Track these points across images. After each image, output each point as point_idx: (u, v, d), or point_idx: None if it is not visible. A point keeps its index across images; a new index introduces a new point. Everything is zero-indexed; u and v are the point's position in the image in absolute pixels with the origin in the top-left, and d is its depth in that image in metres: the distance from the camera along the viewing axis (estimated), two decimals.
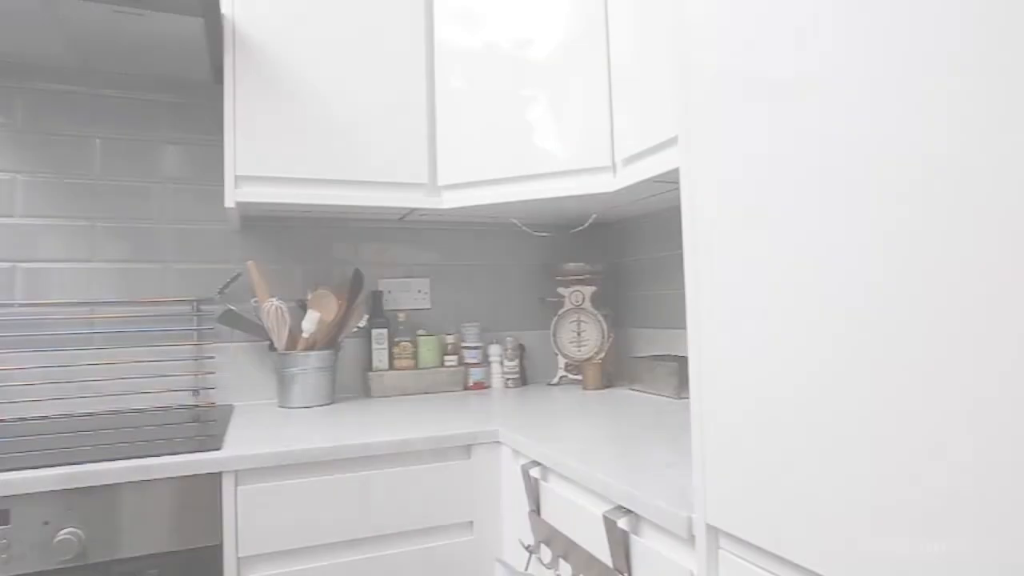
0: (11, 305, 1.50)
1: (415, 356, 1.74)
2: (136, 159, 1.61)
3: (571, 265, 1.80)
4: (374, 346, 1.69)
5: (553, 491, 1.04)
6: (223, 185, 1.65)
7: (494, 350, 1.83)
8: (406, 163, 1.51)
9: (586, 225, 1.86)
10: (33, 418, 1.46)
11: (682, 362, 1.52)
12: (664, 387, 1.54)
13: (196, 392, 1.60)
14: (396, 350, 1.71)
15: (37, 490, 0.98)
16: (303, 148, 1.43)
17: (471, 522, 1.23)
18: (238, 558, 1.08)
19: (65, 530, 0.99)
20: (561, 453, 1.00)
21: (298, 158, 1.42)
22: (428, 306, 1.86)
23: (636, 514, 0.81)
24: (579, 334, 1.80)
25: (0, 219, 1.51)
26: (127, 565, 1.02)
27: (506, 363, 1.81)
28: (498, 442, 1.25)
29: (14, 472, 0.98)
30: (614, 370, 1.85)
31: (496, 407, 1.49)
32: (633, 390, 1.66)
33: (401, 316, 1.75)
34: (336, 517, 1.14)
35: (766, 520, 0.58)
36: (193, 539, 1.07)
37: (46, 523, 0.99)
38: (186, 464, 1.06)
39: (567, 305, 1.82)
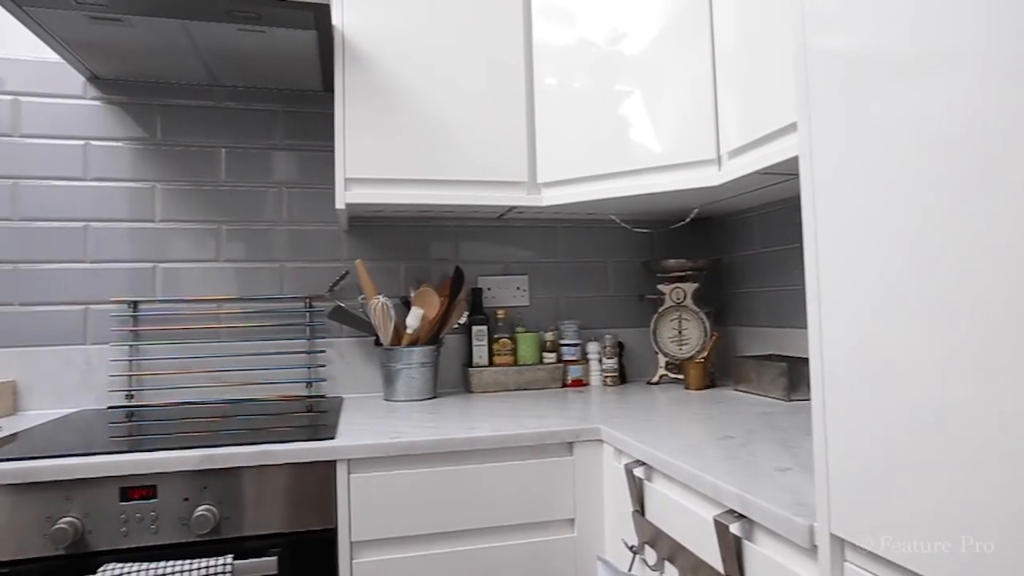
0: (152, 301, 1.65)
1: (514, 353, 1.76)
2: (254, 166, 1.73)
3: (671, 261, 1.75)
4: (474, 342, 1.72)
5: (658, 491, 1.01)
6: (332, 188, 1.76)
7: (592, 347, 1.81)
8: (506, 162, 1.53)
9: (687, 220, 1.80)
10: (170, 404, 1.61)
11: (792, 362, 1.45)
12: (772, 388, 1.47)
13: (309, 384, 1.70)
14: (495, 347, 1.74)
15: (178, 469, 1.08)
16: (407, 150, 1.48)
17: (572, 519, 1.23)
18: (351, 542, 1.14)
19: (202, 507, 1.08)
20: (667, 453, 0.98)
21: (403, 160, 1.47)
22: (527, 303, 1.87)
23: (749, 519, 0.77)
24: (680, 332, 1.75)
25: (142, 224, 1.66)
26: (254, 542, 1.10)
27: (605, 361, 1.79)
28: (600, 440, 1.24)
29: (160, 452, 1.08)
30: (717, 370, 1.78)
31: (596, 405, 1.48)
32: (739, 391, 1.60)
33: (500, 313, 1.77)
34: (441, 508, 1.17)
35: (900, 532, 0.54)
36: (310, 522, 1.13)
37: (186, 499, 1.08)
38: (304, 451, 1.12)
39: (667, 302, 1.77)
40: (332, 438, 1.16)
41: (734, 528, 0.79)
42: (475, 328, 1.72)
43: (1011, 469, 0.45)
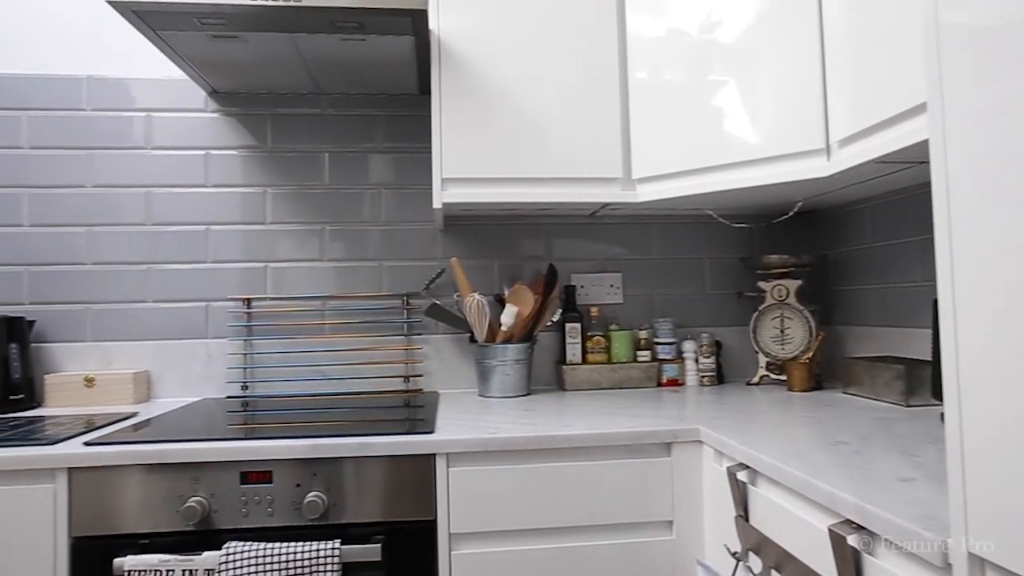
0: (263, 298, 1.77)
1: (608, 351, 1.74)
2: (355, 168, 1.81)
3: (773, 257, 1.68)
4: (567, 340, 1.72)
5: (764, 497, 0.97)
6: (428, 188, 1.81)
7: (688, 346, 1.76)
8: (600, 158, 1.52)
9: (790, 214, 1.72)
10: (279, 395, 1.71)
11: (910, 365, 1.35)
12: (887, 392, 1.37)
13: (406, 379, 1.76)
14: (589, 344, 1.73)
15: (291, 457, 1.14)
16: (502, 148, 1.50)
17: (671, 521, 1.21)
18: (450, 534, 1.17)
19: (312, 493, 1.14)
20: (774, 458, 0.94)
21: (498, 158, 1.49)
22: (620, 301, 1.85)
23: (870, 531, 0.73)
24: (782, 331, 1.67)
25: (254, 226, 1.78)
26: (359, 529, 1.16)
27: (701, 360, 1.74)
28: (699, 441, 1.21)
29: (275, 440, 1.15)
30: (823, 371, 1.69)
31: (693, 405, 1.44)
32: (848, 394, 1.50)
33: (594, 311, 1.76)
34: (537, 504, 1.18)
35: None
36: (410, 512, 1.17)
37: (298, 485, 1.15)
38: (405, 444, 1.16)
39: (769, 300, 1.69)
40: (431, 432, 1.20)
41: (852, 540, 0.74)
42: (568, 326, 1.72)
43: None
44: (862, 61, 1.14)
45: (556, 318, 1.71)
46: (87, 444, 1.15)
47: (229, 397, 1.71)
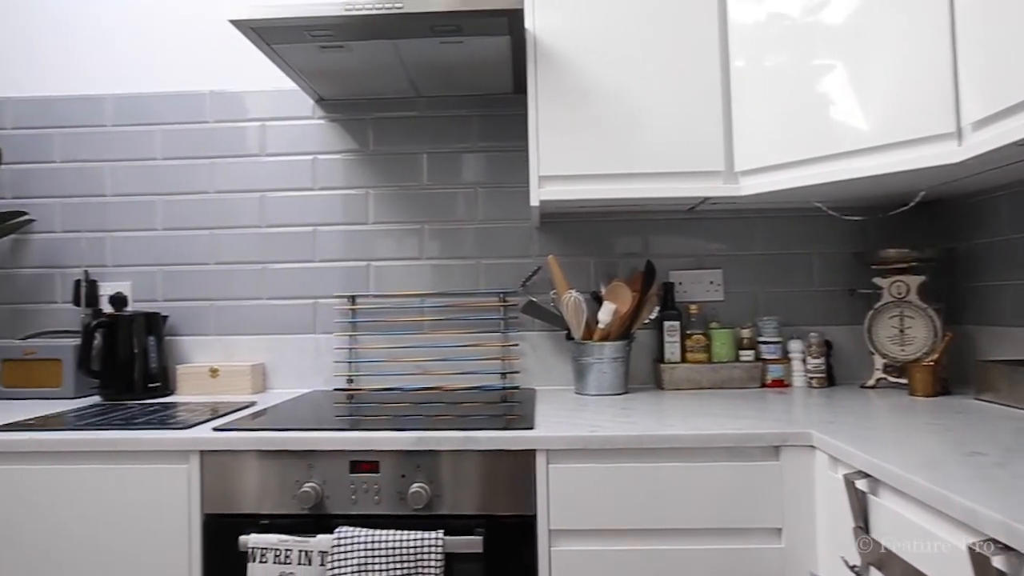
0: (366, 296, 1.84)
1: (708, 350, 1.68)
2: (451, 168, 1.85)
3: (892, 252, 1.56)
4: (666, 338, 1.68)
5: (887, 508, 0.91)
6: (523, 186, 1.82)
7: (795, 346, 1.68)
8: (700, 151, 1.47)
9: (911, 205, 1.59)
10: (382, 389, 1.78)
11: None
12: None
13: (503, 375, 1.78)
14: (688, 343, 1.68)
15: (396, 448, 1.19)
16: (599, 144, 1.48)
17: (780, 529, 1.15)
18: (550, 530, 1.17)
19: (416, 484, 1.18)
20: (900, 467, 0.87)
21: (595, 155, 1.48)
22: (721, 298, 1.78)
23: (1019, 552, 0.66)
24: (902, 331, 1.55)
25: (357, 226, 1.86)
26: (461, 521, 1.18)
27: (809, 361, 1.64)
28: (811, 446, 1.14)
29: (382, 432, 1.20)
30: (950, 374, 1.55)
31: (801, 407, 1.37)
32: (982, 400, 1.38)
33: (693, 308, 1.71)
34: (638, 504, 1.16)
35: None
36: (510, 507, 1.18)
37: (403, 476, 1.19)
38: (505, 439, 1.18)
39: (886, 298, 1.58)
40: (531, 428, 1.20)
41: (997, 562, 0.68)
42: (667, 324, 1.68)
43: None
44: (1000, 33, 1.04)
45: (654, 316, 1.67)
46: (216, 430, 1.24)
47: (336, 390, 1.80)
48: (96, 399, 1.71)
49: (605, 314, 1.56)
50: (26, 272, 1.90)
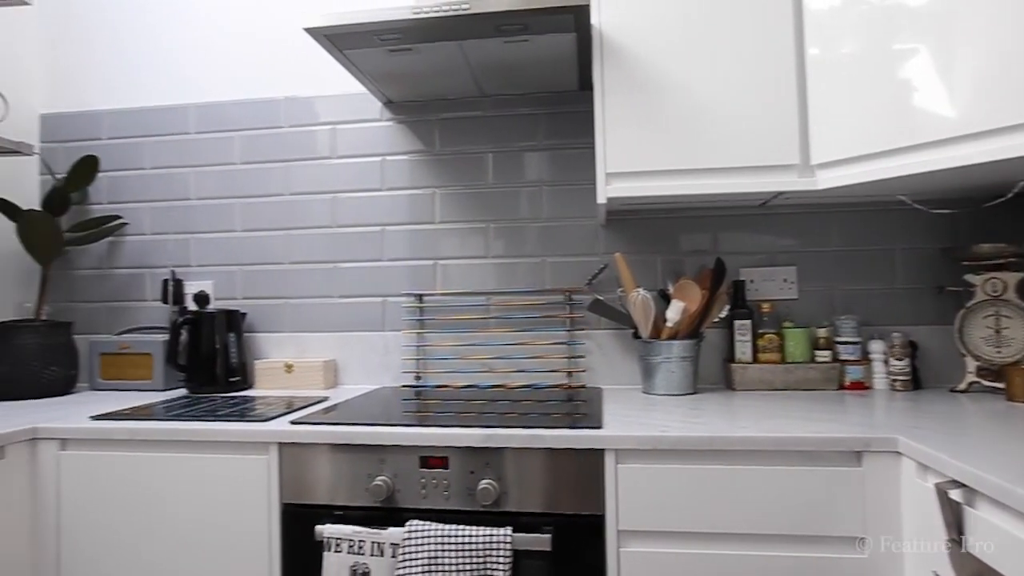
0: (433, 294, 1.87)
1: (781, 350, 1.62)
2: (516, 167, 1.85)
3: (986, 247, 1.46)
4: (736, 338, 1.63)
5: (986, 522, 0.85)
6: (588, 184, 1.81)
7: (876, 346, 1.60)
8: (774, 144, 1.42)
9: (1008, 196, 1.48)
10: (449, 386, 1.81)
11: None
12: None
13: (569, 373, 1.77)
14: (760, 342, 1.63)
15: (465, 445, 1.20)
16: (667, 140, 1.45)
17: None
18: (618, 531, 1.16)
19: (485, 480, 1.19)
20: (1003, 477, 0.82)
21: (663, 150, 1.45)
22: (795, 296, 1.72)
23: None
24: (998, 332, 1.45)
25: (424, 226, 1.89)
26: (528, 518, 1.19)
27: (892, 362, 1.56)
28: (897, 452, 1.09)
29: (451, 428, 1.22)
30: None
31: (884, 411, 1.30)
32: None
33: (765, 307, 1.65)
34: (709, 507, 1.13)
35: None
36: (578, 506, 1.18)
37: (472, 472, 1.21)
38: (575, 438, 1.17)
39: (979, 296, 1.48)
40: (599, 427, 1.20)
41: None
42: (737, 323, 1.63)
43: None
44: None
45: (724, 314, 1.63)
46: (293, 423, 1.29)
47: (404, 386, 1.84)
48: (183, 391, 1.81)
49: (673, 312, 1.53)
50: (120, 272, 2.03)
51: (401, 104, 1.91)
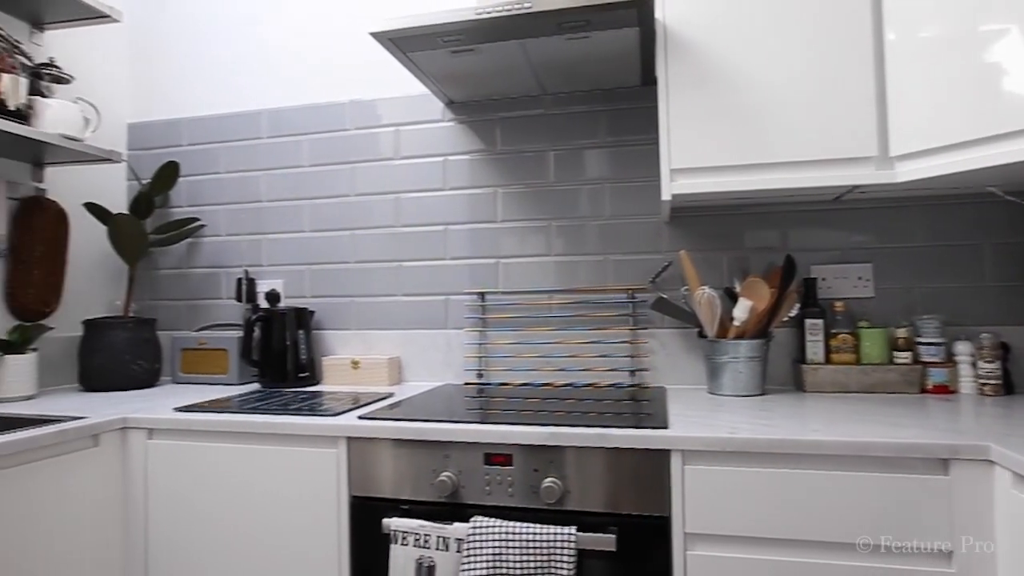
0: (495, 292, 1.89)
1: (856, 350, 1.55)
2: (578, 165, 1.84)
3: None
4: (808, 337, 1.57)
5: None
6: (651, 180, 1.78)
7: (962, 348, 1.51)
8: (849, 135, 1.36)
9: None
10: (511, 384, 1.81)
11: None
12: None
13: (632, 373, 1.75)
14: (834, 343, 1.56)
15: (529, 443, 1.21)
16: (734, 134, 1.41)
17: (950, 552, 1.04)
18: (685, 533, 1.14)
19: (549, 478, 1.19)
20: None
21: (730, 145, 1.41)
22: (871, 295, 1.64)
23: None
24: None
25: (486, 224, 1.91)
26: (593, 518, 1.18)
27: (981, 365, 1.47)
28: (989, 461, 1.02)
29: (515, 426, 1.22)
30: None
31: (972, 417, 1.23)
32: None
33: (838, 306, 1.59)
34: (779, 512, 1.10)
35: None
36: (643, 507, 1.16)
37: (535, 470, 1.21)
38: (639, 438, 1.16)
39: None
40: (665, 427, 1.18)
41: None
42: (808, 322, 1.57)
43: None
44: None
45: (794, 313, 1.57)
46: (361, 418, 1.33)
47: (466, 383, 1.86)
48: (256, 386, 1.89)
49: (741, 311, 1.49)
50: (198, 271, 2.14)
51: (462, 104, 1.93)
